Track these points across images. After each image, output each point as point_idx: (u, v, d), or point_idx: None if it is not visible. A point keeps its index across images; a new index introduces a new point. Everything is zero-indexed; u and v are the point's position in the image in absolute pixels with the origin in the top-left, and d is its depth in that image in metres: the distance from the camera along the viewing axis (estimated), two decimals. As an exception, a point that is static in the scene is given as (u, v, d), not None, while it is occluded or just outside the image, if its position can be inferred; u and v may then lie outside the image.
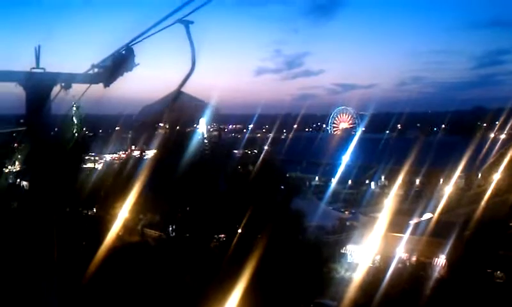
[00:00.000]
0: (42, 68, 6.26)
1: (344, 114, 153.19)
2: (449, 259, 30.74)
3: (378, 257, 32.74)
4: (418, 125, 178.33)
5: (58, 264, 6.78)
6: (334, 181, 67.16)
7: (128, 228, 40.98)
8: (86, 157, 52.40)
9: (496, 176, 64.22)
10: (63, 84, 6.36)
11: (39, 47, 6.26)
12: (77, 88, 6.91)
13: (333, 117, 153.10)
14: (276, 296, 23.37)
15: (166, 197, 41.61)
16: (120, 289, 22.88)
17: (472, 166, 70.85)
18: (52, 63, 6.49)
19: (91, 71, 6.49)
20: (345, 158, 76.66)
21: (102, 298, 21.75)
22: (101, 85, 6.73)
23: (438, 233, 34.66)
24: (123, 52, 6.23)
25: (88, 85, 6.72)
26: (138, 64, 6.19)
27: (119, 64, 6.19)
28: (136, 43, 6.05)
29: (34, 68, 6.25)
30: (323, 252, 29.50)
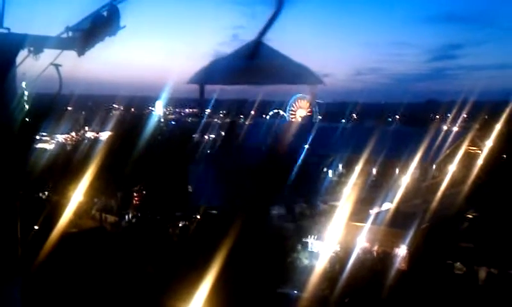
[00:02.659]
0: (6, 28, 5.21)
1: (302, 102, 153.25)
2: (410, 250, 30.88)
3: (339, 246, 32.50)
4: (372, 115, 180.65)
5: (22, 258, 5.84)
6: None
7: (81, 212, 39.57)
8: (37, 137, 50.22)
9: (452, 168, 65.41)
10: (31, 48, 5.34)
11: (3, 1, 5.22)
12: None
13: (290, 104, 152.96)
14: (239, 286, 22.67)
15: (122, 180, 40.32)
16: (74, 278, 21.73)
17: (426, 157, 71.85)
18: (19, 23, 5.46)
19: (64, 35, 5.47)
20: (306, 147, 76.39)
21: (55, 287, 20.54)
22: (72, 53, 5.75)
23: (399, 223, 34.81)
24: (105, 13, 5.26)
25: (60, 51, 5.69)
26: (124, 27, 5.22)
27: (100, 26, 5.21)
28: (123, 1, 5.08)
29: (-5, 28, 5.21)
30: (286, 241, 29.02)
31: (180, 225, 28.59)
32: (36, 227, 25.69)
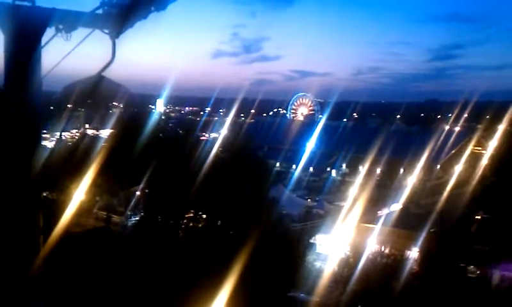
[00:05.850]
0: (31, 1, 4.38)
1: (303, 101, 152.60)
2: (422, 252, 30.04)
3: (349, 248, 31.61)
4: (373, 114, 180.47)
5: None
6: (298, 167, 65.81)
7: (83, 211, 38.76)
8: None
9: (458, 168, 64.75)
10: (60, 26, 4.48)
11: (27, -31, 4.37)
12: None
13: (292, 103, 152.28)
14: (249, 290, 21.89)
15: (125, 179, 39.51)
16: (80, 279, 20.90)
17: (429, 157, 71.09)
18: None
19: (100, 11, 4.63)
20: (310, 145, 75.78)
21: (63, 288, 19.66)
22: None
23: (409, 224, 34.12)
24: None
25: (90, 31, 4.81)
26: (176, -1, 4.37)
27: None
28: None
29: (18, 0, 4.37)
30: (297, 243, 28.14)
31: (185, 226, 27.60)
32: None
